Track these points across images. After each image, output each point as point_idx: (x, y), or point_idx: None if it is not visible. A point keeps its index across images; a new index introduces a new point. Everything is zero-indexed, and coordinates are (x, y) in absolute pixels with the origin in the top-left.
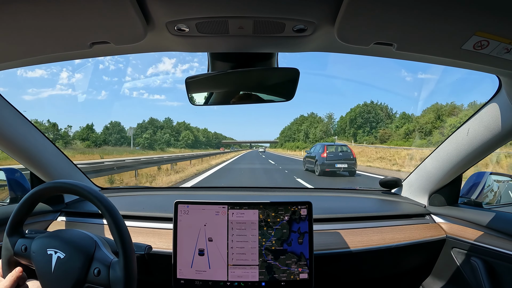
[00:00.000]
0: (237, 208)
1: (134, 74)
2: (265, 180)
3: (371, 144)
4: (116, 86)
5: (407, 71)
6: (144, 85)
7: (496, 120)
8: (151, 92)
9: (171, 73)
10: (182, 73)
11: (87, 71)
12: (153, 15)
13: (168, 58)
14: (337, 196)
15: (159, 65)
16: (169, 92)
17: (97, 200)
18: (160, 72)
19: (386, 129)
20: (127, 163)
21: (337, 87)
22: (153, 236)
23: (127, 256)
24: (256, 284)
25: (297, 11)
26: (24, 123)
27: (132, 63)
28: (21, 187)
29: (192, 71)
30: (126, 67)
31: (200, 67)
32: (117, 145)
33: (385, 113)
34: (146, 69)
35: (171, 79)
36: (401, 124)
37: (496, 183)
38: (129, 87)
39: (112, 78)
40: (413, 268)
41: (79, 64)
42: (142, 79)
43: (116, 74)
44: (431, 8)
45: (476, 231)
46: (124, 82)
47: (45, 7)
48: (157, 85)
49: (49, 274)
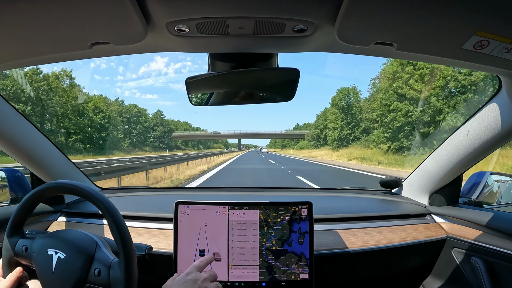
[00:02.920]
0: (238, 208)
1: (126, 72)
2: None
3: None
4: (107, 85)
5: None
6: (136, 84)
7: (497, 120)
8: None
9: (163, 73)
10: (174, 73)
11: (80, 70)
12: (153, 15)
13: (160, 57)
14: (337, 196)
15: (151, 63)
16: (162, 92)
17: (97, 200)
18: (152, 71)
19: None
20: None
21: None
22: (153, 237)
23: (127, 256)
24: (256, 284)
25: (297, 11)
26: (24, 123)
27: (124, 61)
28: (21, 188)
29: (184, 70)
30: (118, 65)
31: (193, 66)
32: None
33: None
34: (138, 68)
35: (164, 79)
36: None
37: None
38: (121, 86)
39: (103, 77)
40: (414, 268)
41: (71, 62)
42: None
43: (108, 73)
44: (432, 8)
45: (477, 231)
46: (116, 82)
47: (46, 8)
48: (149, 84)
49: (50, 275)
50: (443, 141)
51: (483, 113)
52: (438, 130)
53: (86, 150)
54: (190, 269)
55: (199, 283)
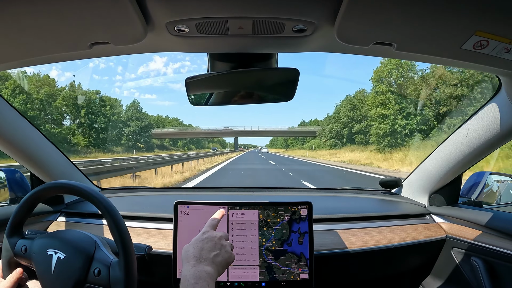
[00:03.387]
0: (237, 209)
1: (125, 72)
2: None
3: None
4: (106, 85)
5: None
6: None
7: (496, 120)
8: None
9: (162, 72)
10: (173, 72)
11: (78, 70)
12: (153, 15)
13: (159, 57)
14: (337, 196)
15: (150, 63)
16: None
17: (97, 200)
18: (151, 71)
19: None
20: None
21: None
22: (153, 237)
23: (127, 256)
24: (256, 284)
25: (297, 11)
26: (24, 123)
27: (123, 61)
28: (21, 188)
29: (183, 70)
30: (117, 65)
31: (191, 65)
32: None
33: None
34: (136, 67)
35: (163, 79)
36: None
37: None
38: (119, 86)
39: (102, 77)
40: (413, 268)
41: (69, 62)
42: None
43: (107, 72)
44: (431, 8)
45: (476, 231)
46: (115, 81)
47: (45, 8)
48: (148, 84)
49: (49, 275)
50: (443, 141)
51: (482, 113)
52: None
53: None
54: (205, 228)
55: (216, 240)
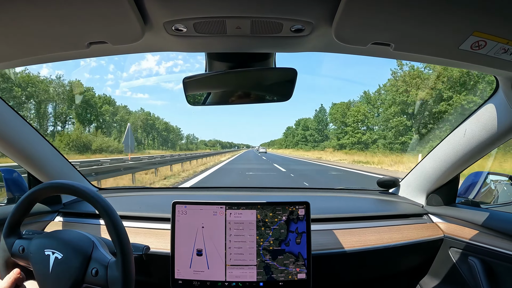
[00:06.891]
0: (235, 208)
1: (117, 71)
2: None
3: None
4: (98, 84)
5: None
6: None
7: (493, 120)
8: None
9: (155, 72)
10: (166, 71)
11: (70, 69)
12: (151, 15)
13: (151, 55)
14: (335, 196)
15: (142, 62)
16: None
17: (94, 200)
18: (143, 70)
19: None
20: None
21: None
22: (151, 237)
23: (125, 256)
24: (254, 284)
25: (294, 11)
26: (22, 123)
27: (115, 59)
28: (18, 188)
29: (176, 69)
30: (108, 64)
31: (184, 64)
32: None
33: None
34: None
35: (155, 78)
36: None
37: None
38: (112, 85)
39: (93, 76)
40: (411, 268)
41: (62, 62)
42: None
43: (99, 71)
44: (429, 8)
45: (474, 231)
46: (106, 80)
47: (43, 8)
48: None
49: (47, 275)
50: (440, 141)
51: (480, 113)
52: None
53: None
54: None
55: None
